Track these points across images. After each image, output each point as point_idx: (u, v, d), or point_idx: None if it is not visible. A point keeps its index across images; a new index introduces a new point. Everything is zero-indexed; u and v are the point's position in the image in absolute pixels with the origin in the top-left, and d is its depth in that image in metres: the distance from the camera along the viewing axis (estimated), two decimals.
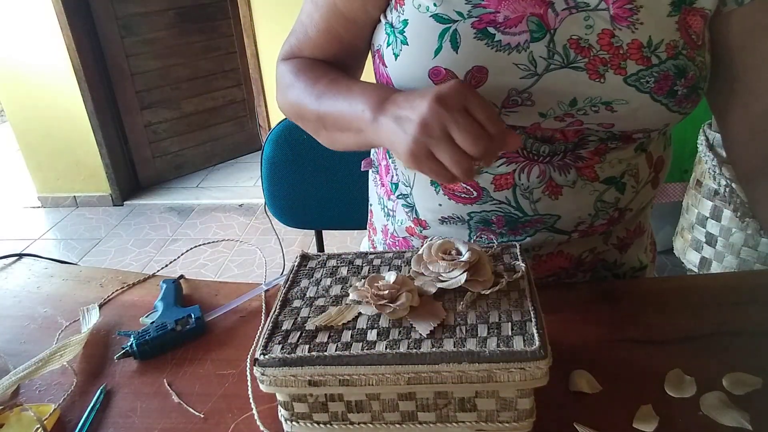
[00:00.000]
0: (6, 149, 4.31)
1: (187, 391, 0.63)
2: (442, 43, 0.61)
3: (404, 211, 0.78)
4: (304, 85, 0.70)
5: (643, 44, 0.59)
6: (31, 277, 0.87)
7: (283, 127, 1.15)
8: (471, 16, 0.60)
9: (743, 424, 0.52)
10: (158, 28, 3.22)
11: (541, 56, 0.59)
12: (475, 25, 0.60)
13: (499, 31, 0.60)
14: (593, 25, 0.59)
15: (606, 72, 0.59)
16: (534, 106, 0.62)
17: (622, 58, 0.59)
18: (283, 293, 0.58)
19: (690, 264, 2.04)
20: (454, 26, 0.60)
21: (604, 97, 0.60)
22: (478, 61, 0.60)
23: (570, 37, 0.59)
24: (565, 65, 0.60)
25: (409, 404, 0.51)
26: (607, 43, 0.59)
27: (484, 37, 0.60)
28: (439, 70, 0.61)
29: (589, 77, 0.60)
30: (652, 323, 0.67)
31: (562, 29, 0.59)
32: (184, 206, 3.24)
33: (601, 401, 0.57)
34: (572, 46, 0.59)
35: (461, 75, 0.60)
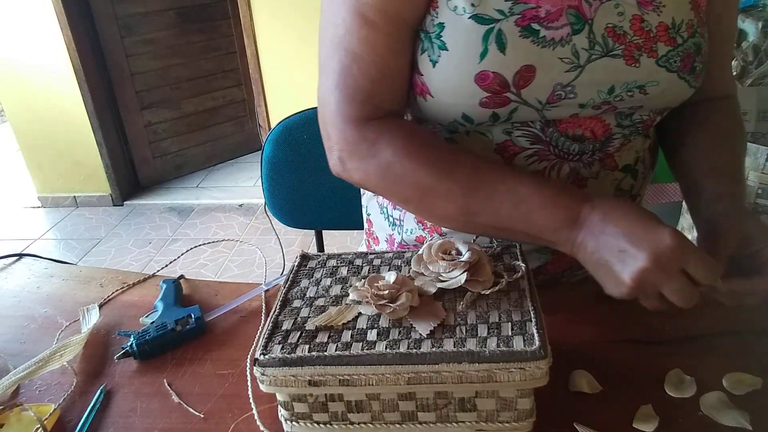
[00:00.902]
0: (6, 149, 4.31)
1: (187, 391, 0.63)
2: (488, 46, 0.58)
3: (415, 220, 0.77)
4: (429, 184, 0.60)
5: (668, 26, 0.61)
6: (31, 277, 0.87)
7: (283, 127, 1.15)
8: (513, 13, 0.58)
9: (743, 424, 0.52)
10: (158, 28, 3.22)
11: (583, 48, 0.59)
12: (518, 23, 0.58)
13: (542, 26, 0.58)
14: (624, 12, 0.60)
15: (640, 56, 0.61)
16: (576, 98, 0.62)
17: (653, 41, 0.61)
18: (283, 293, 0.58)
19: None
20: (498, 26, 0.58)
21: (639, 80, 0.62)
22: (525, 60, 0.58)
23: (606, 26, 0.60)
24: (604, 54, 0.60)
25: (409, 404, 0.50)
26: (639, 28, 0.61)
27: (529, 35, 0.58)
28: (486, 74, 0.59)
29: (626, 63, 0.61)
30: (652, 323, 0.66)
31: (598, 19, 0.60)
32: (184, 206, 3.24)
33: (601, 401, 0.57)
34: (610, 35, 0.60)
35: (509, 76, 0.59)
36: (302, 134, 1.14)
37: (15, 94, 3.07)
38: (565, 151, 0.66)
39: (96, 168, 3.22)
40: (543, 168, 0.66)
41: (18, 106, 3.10)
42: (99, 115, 3.09)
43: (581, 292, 0.74)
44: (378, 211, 0.85)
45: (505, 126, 0.65)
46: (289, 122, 1.15)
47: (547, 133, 0.64)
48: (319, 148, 0.74)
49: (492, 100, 0.60)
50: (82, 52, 2.96)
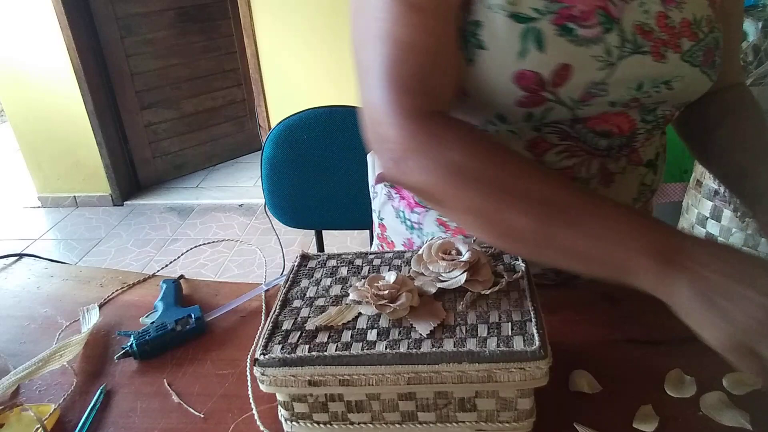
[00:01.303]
0: (6, 149, 4.31)
1: (187, 391, 0.63)
2: (528, 44, 0.57)
3: (437, 222, 0.76)
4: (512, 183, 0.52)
5: (690, 21, 0.63)
6: (31, 277, 0.87)
7: (283, 127, 1.15)
8: (550, 12, 0.58)
9: (743, 424, 0.52)
10: (158, 28, 3.22)
11: (614, 45, 0.60)
12: (555, 21, 0.57)
13: (577, 25, 0.58)
14: (649, 10, 0.61)
15: (666, 52, 0.62)
16: (607, 96, 0.62)
17: (677, 36, 0.62)
18: (283, 293, 0.58)
19: None
20: (536, 24, 0.57)
21: (666, 76, 0.63)
22: (562, 59, 0.58)
23: (635, 23, 0.61)
24: (634, 51, 0.61)
25: (409, 404, 0.50)
26: (664, 24, 0.62)
27: (565, 33, 0.58)
28: (525, 73, 0.58)
29: (654, 59, 0.61)
30: (652, 323, 0.66)
31: (626, 17, 0.60)
32: (184, 206, 3.24)
33: (601, 401, 0.57)
34: (638, 32, 0.61)
35: (547, 75, 0.58)
36: (302, 134, 1.14)
37: (15, 94, 3.07)
38: (594, 147, 0.66)
39: (96, 168, 3.22)
40: (573, 164, 0.66)
41: (18, 106, 3.10)
42: (99, 115, 3.09)
43: (581, 292, 0.74)
44: (393, 215, 0.83)
45: (535, 123, 0.65)
46: (289, 122, 1.15)
47: (576, 129, 0.64)
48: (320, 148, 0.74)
49: (529, 99, 0.60)
50: (82, 52, 2.96)
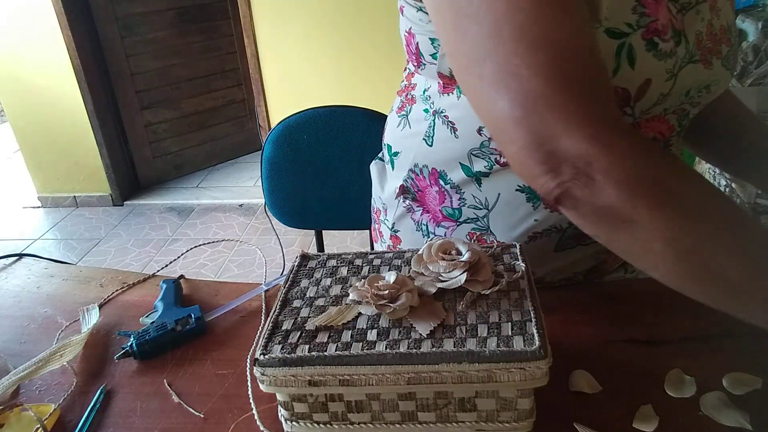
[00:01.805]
0: (6, 149, 4.31)
1: (187, 391, 0.63)
2: (621, 61, 0.56)
3: (469, 237, 0.74)
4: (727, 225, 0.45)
5: (726, 28, 0.64)
6: (31, 277, 0.87)
7: (283, 127, 1.15)
8: (640, 26, 0.56)
9: (743, 424, 0.52)
10: (158, 28, 3.22)
11: (680, 57, 0.59)
12: (644, 36, 0.56)
13: (660, 39, 0.57)
14: (704, 18, 0.62)
15: (712, 59, 0.62)
16: (663, 104, 0.62)
17: (719, 43, 0.63)
18: (283, 293, 0.58)
19: None
20: (628, 40, 0.55)
21: (709, 81, 0.63)
22: (647, 74, 0.57)
23: (695, 34, 0.61)
24: (690, 61, 0.60)
25: (409, 404, 0.50)
26: (709, 33, 0.62)
27: (651, 48, 0.56)
28: (616, 90, 0.57)
29: (704, 67, 0.62)
30: (652, 323, 0.66)
31: (688, 29, 0.60)
32: (184, 206, 3.24)
33: (601, 401, 0.57)
34: (695, 41, 0.61)
35: (633, 91, 0.57)
36: (302, 134, 1.14)
37: (15, 94, 3.07)
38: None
39: (96, 168, 3.22)
40: None
41: (18, 106, 3.10)
42: (99, 115, 3.09)
43: (581, 292, 0.74)
44: (413, 229, 0.79)
45: None
46: (289, 122, 1.15)
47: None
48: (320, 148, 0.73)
49: None
50: (82, 52, 2.96)
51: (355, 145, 1.16)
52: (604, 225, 0.47)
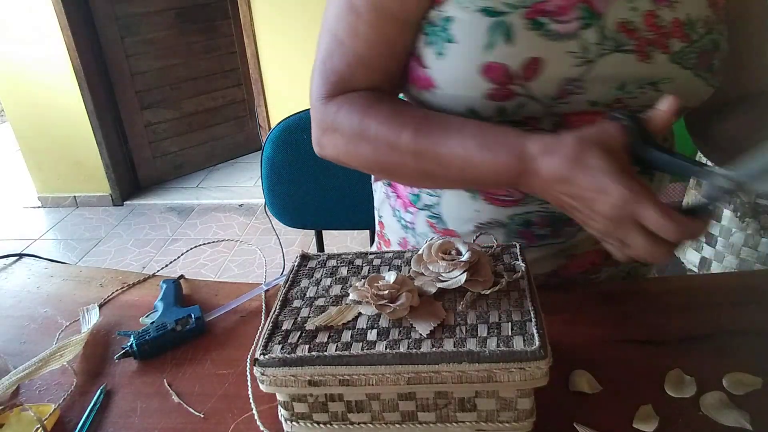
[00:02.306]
0: (6, 149, 4.32)
1: (187, 391, 0.63)
2: (495, 37, 0.59)
3: (428, 222, 0.76)
4: (383, 136, 0.61)
5: (683, 22, 0.61)
6: (31, 277, 0.87)
7: (283, 127, 1.15)
8: (522, 6, 0.59)
9: (743, 424, 0.52)
10: (158, 28, 3.22)
11: (593, 42, 0.59)
12: (526, 15, 0.59)
13: (551, 19, 0.59)
14: (638, 7, 0.60)
15: (653, 52, 0.60)
16: (585, 94, 0.61)
17: (666, 37, 0.61)
18: (283, 293, 0.58)
19: (690, 264, 2.04)
20: (505, 18, 0.59)
21: (651, 77, 0.61)
22: (532, 52, 0.59)
23: (618, 21, 0.60)
24: (615, 49, 0.60)
25: (409, 404, 0.50)
26: (652, 23, 0.60)
27: (536, 27, 0.58)
28: (492, 65, 0.59)
29: (638, 59, 0.60)
30: (652, 323, 0.67)
31: (611, 13, 0.59)
32: (184, 206, 3.24)
33: (601, 401, 0.57)
34: (621, 29, 0.60)
35: (515, 68, 0.59)
36: (302, 134, 1.14)
37: (15, 94, 3.07)
38: None
39: (96, 168, 3.22)
40: None
41: (18, 106, 3.10)
42: (99, 115, 3.09)
43: (581, 293, 0.74)
44: (390, 214, 0.84)
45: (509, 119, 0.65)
46: (289, 122, 1.15)
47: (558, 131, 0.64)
48: None
49: (497, 92, 0.60)
50: (82, 52, 2.96)
51: None
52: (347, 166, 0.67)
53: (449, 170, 0.60)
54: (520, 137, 0.56)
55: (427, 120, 0.61)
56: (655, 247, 0.49)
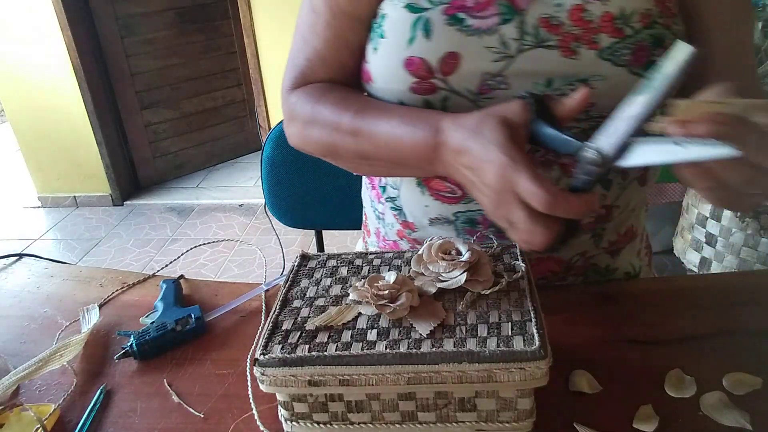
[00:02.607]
0: (6, 149, 4.31)
1: (187, 391, 0.63)
2: (416, 32, 0.61)
3: (392, 215, 0.77)
4: (329, 119, 0.65)
5: (615, 16, 0.59)
6: (31, 277, 0.87)
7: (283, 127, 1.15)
8: (442, 2, 0.61)
9: (743, 424, 0.52)
10: (158, 28, 3.22)
11: (512, 38, 0.60)
12: (446, 11, 0.61)
13: (469, 15, 0.60)
14: (563, 3, 0.59)
15: (579, 48, 0.59)
16: (510, 90, 0.61)
17: (594, 32, 0.59)
18: (283, 293, 0.58)
19: (690, 264, 2.04)
20: (426, 14, 0.61)
21: (580, 74, 0.60)
22: (449, 47, 0.60)
23: (540, 17, 0.59)
24: (536, 45, 0.59)
25: (409, 404, 0.50)
26: (578, 18, 0.59)
27: (455, 23, 0.60)
28: (413, 59, 0.62)
29: (562, 54, 0.59)
30: (652, 323, 0.66)
31: (533, 10, 0.60)
32: (184, 206, 3.24)
33: (601, 401, 0.57)
34: (543, 25, 0.59)
35: (434, 62, 0.61)
36: None
37: (15, 94, 3.07)
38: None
39: (96, 168, 3.22)
40: None
41: (18, 106, 3.10)
42: (99, 115, 3.09)
43: (581, 293, 0.74)
44: (369, 204, 0.85)
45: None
46: None
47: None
48: None
49: (420, 86, 0.62)
50: (82, 52, 2.96)
51: None
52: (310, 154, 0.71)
53: (379, 149, 0.62)
54: (439, 114, 0.58)
55: (368, 104, 0.65)
56: (535, 225, 0.47)
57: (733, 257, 1.86)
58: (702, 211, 1.93)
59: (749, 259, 1.82)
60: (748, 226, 1.77)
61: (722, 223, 1.86)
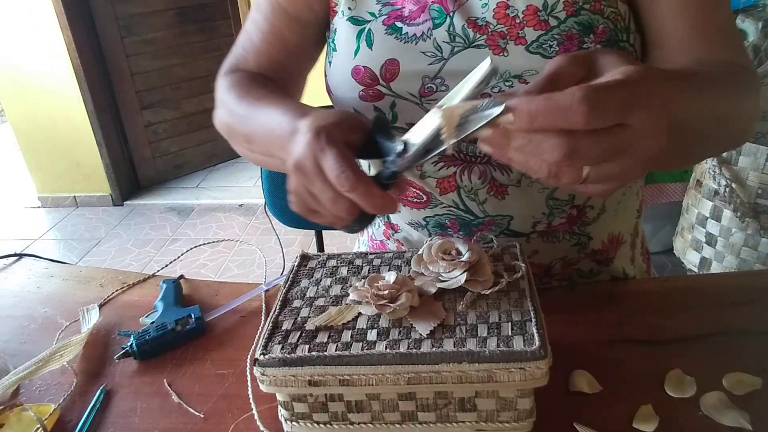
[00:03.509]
0: (6, 149, 4.31)
1: (187, 391, 0.63)
2: (359, 43, 0.64)
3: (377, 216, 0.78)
4: (232, 103, 0.67)
5: (538, 8, 0.59)
6: (31, 277, 0.87)
7: None
8: (381, 14, 0.64)
9: (743, 424, 0.52)
10: (158, 28, 3.22)
11: (444, 41, 0.62)
12: (385, 22, 0.64)
13: (405, 23, 0.63)
14: (488, 2, 0.61)
15: (507, 44, 0.60)
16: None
17: (519, 27, 0.59)
18: (283, 293, 0.58)
19: (690, 264, 2.04)
20: (368, 26, 0.64)
21: (513, 70, 0.60)
22: (389, 55, 0.63)
23: (468, 19, 0.61)
24: (468, 46, 0.61)
25: (409, 404, 0.50)
26: (503, 15, 0.60)
27: (393, 32, 0.63)
28: (359, 69, 0.64)
29: (493, 53, 0.60)
30: (652, 323, 0.66)
31: (460, 12, 0.61)
32: (184, 206, 3.24)
33: (601, 401, 0.57)
34: (470, 26, 0.61)
35: (376, 69, 0.63)
36: None
37: (15, 94, 3.07)
38: (470, 154, 0.65)
39: (96, 168, 3.22)
40: (453, 172, 0.67)
41: (18, 106, 3.10)
42: (99, 115, 3.09)
43: (581, 293, 0.74)
44: None
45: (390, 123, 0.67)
46: None
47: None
48: None
49: (367, 93, 0.65)
50: (82, 52, 2.96)
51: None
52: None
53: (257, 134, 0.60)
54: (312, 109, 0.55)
55: (266, 95, 0.64)
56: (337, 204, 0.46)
57: (733, 257, 1.86)
58: (702, 211, 1.93)
59: (749, 259, 1.82)
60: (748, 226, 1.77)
61: (722, 223, 1.86)
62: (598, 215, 0.72)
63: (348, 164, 0.45)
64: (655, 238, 2.28)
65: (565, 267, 0.75)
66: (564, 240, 0.72)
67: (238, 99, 0.66)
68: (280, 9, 0.70)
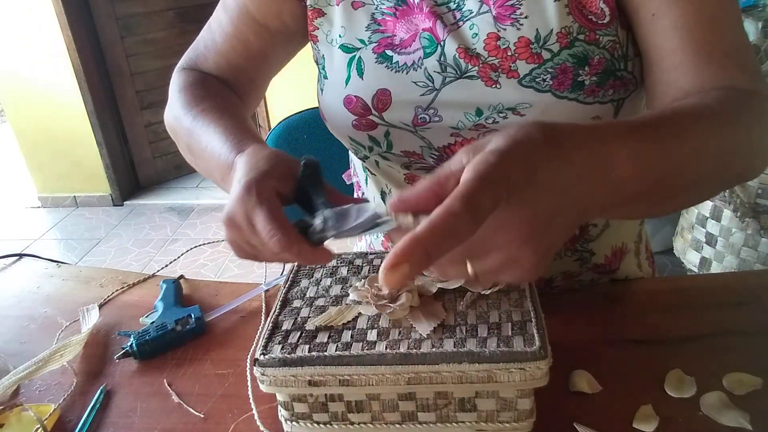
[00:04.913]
0: (6, 149, 4.31)
1: (187, 391, 0.63)
2: (350, 72, 0.62)
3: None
4: (179, 108, 0.66)
5: (530, 40, 0.56)
6: (31, 277, 0.87)
7: (283, 127, 1.15)
8: (371, 42, 0.62)
9: (743, 424, 0.52)
10: (158, 28, 3.22)
11: (435, 71, 0.60)
12: (375, 50, 0.62)
13: (396, 52, 0.61)
14: (478, 33, 0.58)
15: (499, 77, 0.58)
16: (443, 121, 0.61)
17: (511, 60, 0.57)
18: (283, 293, 0.58)
19: (690, 264, 2.04)
20: (358, 54, 0.63)
21: (506, 103, 0.58)
22: (380, 84, 0.61)
23: (458, 47, 0.59)
24: (459, 76, 0.59)
25: (409, 404, 0.50)
26: (494, 47, 0.57)
27: (383, 60, 0.61)
28: (350, 98, 0.63)
29: (485, 84, 0.58)
30: (652, 323, 0.66)
31: (450, 41, 0.59)
32: (184, 206, 3.24)
33: (601, 401, 0.57)
34: (462, 56, 0.59)
35: (368, 99, 0.62)
36: (302, 134, 1.14)
37: (15, 94, 3.07)
38: None
39: (96, 168, 3.22)
40: None
41: (18, 107, 3.10)
42: (99, 115, 3.09)
43: (581, 293, 0.74)
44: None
45: (402, 159, 0.66)
46: (289, 122, 1.15)
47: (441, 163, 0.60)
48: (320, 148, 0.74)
49: (360, 122, 0.63)
50: (82, 52, 2.96)
51: None
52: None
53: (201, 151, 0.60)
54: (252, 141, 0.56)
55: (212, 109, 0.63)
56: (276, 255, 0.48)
57: (733, 257, 1.87)
58: (702, 211, 1.93)
59: (749, 259, 1.82)
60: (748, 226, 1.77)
61: (722, 223, 1.86)
62: (602, 231, 0.71)
63: (278, 226, 0.45)
64: (655, 238, 2.28)
65: (567, 279, 0.75)
66: (566, 256, 0.72)
67: (185, 107, 0.66)
68: (248, 14, 0.68)
